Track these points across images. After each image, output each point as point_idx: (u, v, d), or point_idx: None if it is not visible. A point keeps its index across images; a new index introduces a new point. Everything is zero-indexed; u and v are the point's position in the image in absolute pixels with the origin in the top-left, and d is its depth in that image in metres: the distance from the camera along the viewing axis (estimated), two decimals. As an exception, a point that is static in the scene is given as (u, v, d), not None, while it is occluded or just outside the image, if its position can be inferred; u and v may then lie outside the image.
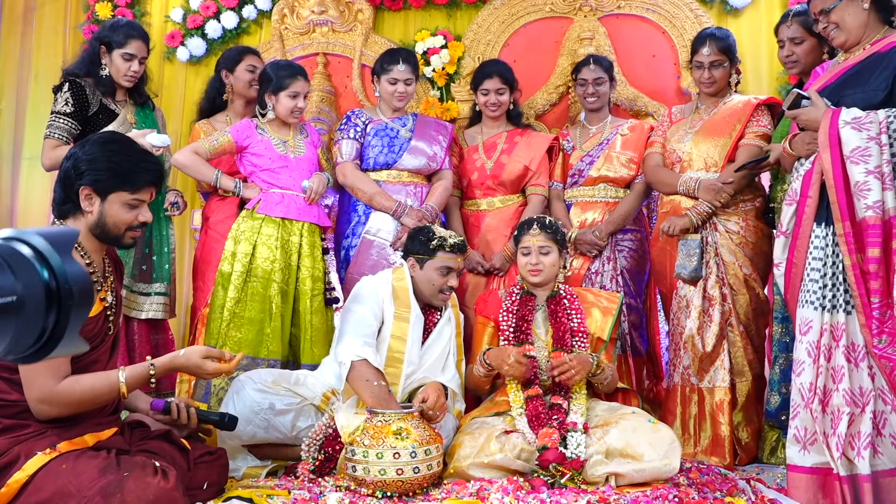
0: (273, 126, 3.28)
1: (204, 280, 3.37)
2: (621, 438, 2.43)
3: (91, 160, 2.06)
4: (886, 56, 2.36)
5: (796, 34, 3.11)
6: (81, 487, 1.84)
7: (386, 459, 2.28)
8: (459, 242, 2.94)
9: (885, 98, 2.33)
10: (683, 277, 3.09)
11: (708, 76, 3.21)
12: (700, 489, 2.42)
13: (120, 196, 2.07)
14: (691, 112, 3.32)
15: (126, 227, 2.09)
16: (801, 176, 2.47)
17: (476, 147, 3.58)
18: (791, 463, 2.40)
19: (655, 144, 3.36)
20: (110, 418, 2.16)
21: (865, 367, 2.30)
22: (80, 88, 3.11)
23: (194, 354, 2.19)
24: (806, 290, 2.40)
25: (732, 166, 3.10)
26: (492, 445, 2.47)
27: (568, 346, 2.72)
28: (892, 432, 2.27)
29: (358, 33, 4.17)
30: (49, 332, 0.74)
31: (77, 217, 2.09)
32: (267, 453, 2.78)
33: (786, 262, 2.50)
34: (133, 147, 2.20)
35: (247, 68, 3.51)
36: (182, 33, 4.31)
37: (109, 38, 3.18)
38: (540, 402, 2.62)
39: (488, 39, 4.10)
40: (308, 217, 3.23)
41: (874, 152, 2.27)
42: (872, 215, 2.26)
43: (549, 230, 2.85)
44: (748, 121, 3.15)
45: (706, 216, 3.10)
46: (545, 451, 2.39)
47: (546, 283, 2.87)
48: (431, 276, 2.87)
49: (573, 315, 2.80)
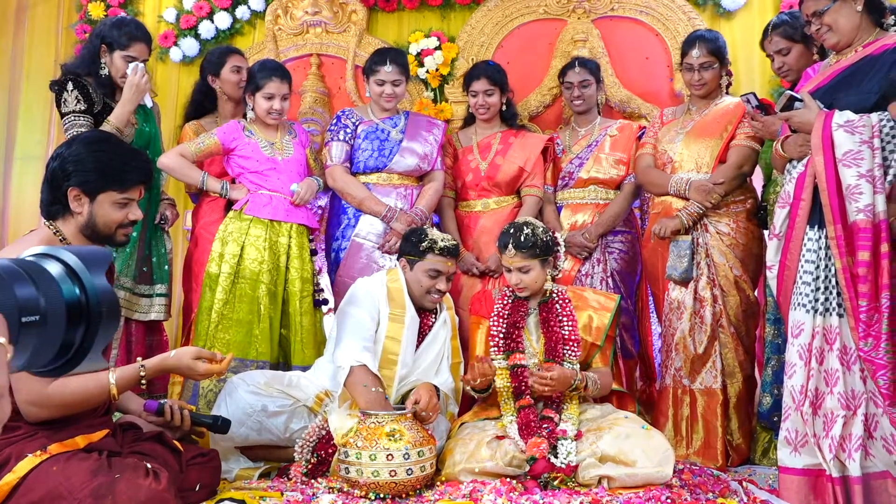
0: (259, 127, 3.26)
1: (197, 282, 3.36)
2: (614, 445, 2.40)
3: (78, 161, 2.03)
4: (879, 59, 2.37)
5: (780, 46, 3.13)
6: (72, 489, 1.83)
7: (379, 461, 2.28)
8: (451, 246, 2.92)
9: (878, 101, 2.34)
10: (674, 279, 3.10)
11: (698, 78, 3.21)
12: (692, 490, 2.42)
13: (109, 196, 2.05)
14: (683, 113, 3.33)
15: (117, 226, 2.08)
16: (794, 179, 2.47)
17: (471, 148, 3.57)
18: (782, 465, 2.41)
19: (647, 145, 3.36)
20: (102, 419, 2.14)
21: (857, 371, 2.31)
22: (84, 87, 3.05)
23: (185, 355, 2.18)
24: (798, 293, 2.41)
25: (723, 167, 3.11)
26: (482, 452, 2.45)
27: (559, 356, 2.68)
28: (883, 435, 2.28)
29: (352, 34, 4.16)
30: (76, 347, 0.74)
31: (66, 218, 2.06)
32: (260, 455, 2.77)
33: (779, 265, 2.50)
34: (120, 145, 2.18)
35: (231, 69, 3.44)
36: (175, 34, 4.30)
37: (111, 37, 3.07)
38: (532, 411, 2.58)
39: (482, 41, 4.10)
40: (296, 218, 3.22)
41: (866, 156, 2.28)
42: (864, 219, 2.27)
43: (524, 249, 2.70)
44: (739, 122, 3.16)
45: (697, 217, 3.10)
46: (534, 464, 2.36)
47: (535, 294, 2.84)
48: (420, 278, 2.87)
49: (565, 323, 2.74)
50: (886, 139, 2.28)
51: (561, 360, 2.67)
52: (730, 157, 3.14)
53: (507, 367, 2.68)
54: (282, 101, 3.21)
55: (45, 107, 4.39)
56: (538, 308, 2.81)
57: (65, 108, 3.02)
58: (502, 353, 2.72)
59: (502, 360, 2.70)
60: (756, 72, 3.90)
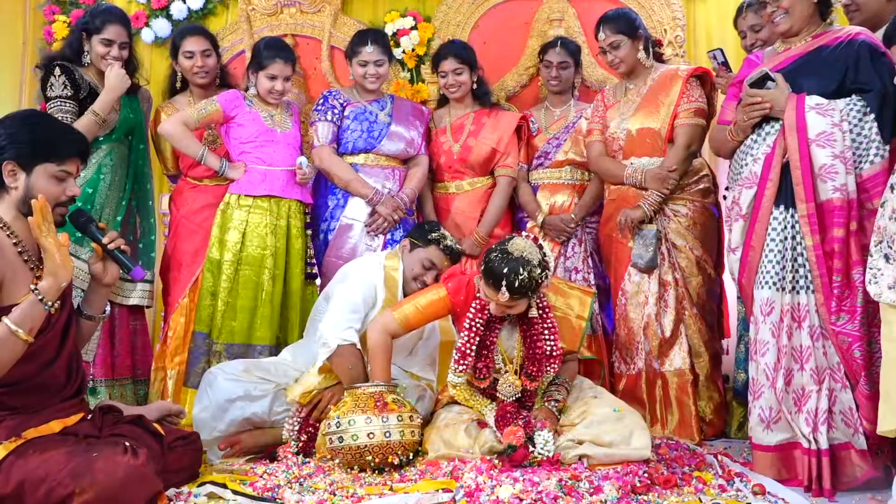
0: (259, 100, 3.28)
1: (179, 270, 3.34)
2: (588, 433, 2.39)
3: (12, 134, 2.01)
4: (835, 51, 2.46)
5: (754, 21, 3.21)
6: (50, 471, 1.82)
7: (364, 424, 2.34)
8: (456, 248, 2.94)
9: (836, 90, 2.43)
10: (639, 267, 3.12)
11: (611, 58, 3.21)
12: (669, 465, 2.47)
13: (46, 168, 2.03)
14: (623, 94, 3.29)
15: (55, 203, 2.03)
16: (758, 160, 2.51)
17: (444, 129, 3.56)
18: (756, 442, 2.47)
19: (594, 132, 3.33)
20: (74, 402, 2.13)
21: (821, 346, 2.39)
22: (71, 72, 3.06)
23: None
24: (764, 272, 2.45)
25: (673, 150, 3.11)
26: (459, 440, 2.44)
27: (538, 374, 2.53)
28: (842, 409, 2.36)
29: (326, 14, 4.12)
30: None
31: (2, 196, 2.04)
32: (247, 444, 2.73)
33: (743, 246, 2.54)
34: (55, 120, 2.19)
35: (184, 55, 3.34)
36: (146, 14, 4.23)
37: (88, 23, 3.14)
38: (510, 404, 2.51)
39: (458, 21, 4.08)
40: (292, 194, 3.25)
41: (838, 138, 2.36)
42: (839, 197, 2.34)
43: (517, 294, 2.41)
44: (680, 97, 3.14)
45: (658, 206, 3.10)
46: (513, 453, 2.32)
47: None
48: (415, 264, 2.88)
49: (547, 337, 2.53)
50: (852, 123, 2.37)
51: (539, 377, 2.54)
52: (677, 139, 3.12)
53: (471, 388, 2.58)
54: (284, 81, 3.23)
55: (13, 90, 4.30)
56: (517, 320, 2.59)
57: (51, 91, 3.04)
58: (469, 368, 2.53)
59: (464, 379, 2.56)
60: (730, 52, 3.91)
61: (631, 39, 3.17)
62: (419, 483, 2.26)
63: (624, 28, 3.17)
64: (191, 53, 3.31)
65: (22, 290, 1.98)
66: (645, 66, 3.23)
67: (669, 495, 2.17)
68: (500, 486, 2.11)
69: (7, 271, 1.98)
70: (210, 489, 2.16)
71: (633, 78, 3.26)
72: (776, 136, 2.46)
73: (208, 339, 3.15)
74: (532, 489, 2.09)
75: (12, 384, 1.98)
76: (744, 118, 2.53)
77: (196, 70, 3.32)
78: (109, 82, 3.06)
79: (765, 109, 2.47)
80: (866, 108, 2.36)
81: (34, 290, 1.95)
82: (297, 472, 2.36)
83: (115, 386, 3.18)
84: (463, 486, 2.15)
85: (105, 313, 2.30)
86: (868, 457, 2.33)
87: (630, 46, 3.17)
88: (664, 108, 3.15)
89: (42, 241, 1.96)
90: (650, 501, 2.12)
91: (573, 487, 2.11)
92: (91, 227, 2.20)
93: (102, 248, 2.19)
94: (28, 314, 1.93)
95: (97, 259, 2.20)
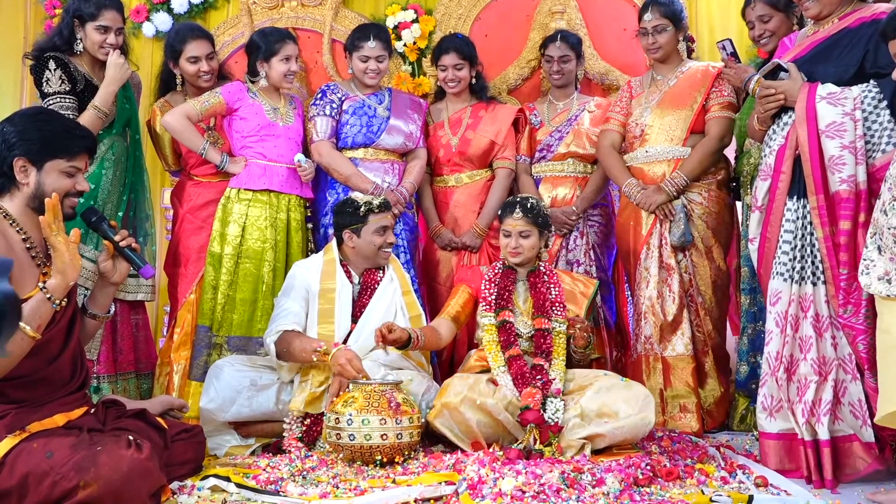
0: (264, 93, 3.28)
1: (186, 266, 3.34)
2: (596, 399, 2.52)
3: (22, 131, 2.05)
4: (857, 32, 2.40)
5: (762, 12, 3.17)
6: (55, 465, 1.83)
7: (379, 426, 2.36)
8: (383, 200, 2.97)
9: (855, 74, 2.38)
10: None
11: (652, 41, 3.22)
12: (671, 457, 2.47)
13: (56, 164, 2.06)
14: (649, 84, 3.32)
15: (64, 196, 2.07)
16: (774, 151, 2.50)
17: (441, 123, 3.56)
18: (761, 430, 2.48)
19: (612, 121, 3.36)
20: (77, 395, 2.14)
21: (829, 337, 2.37)
22: (66, 65, 2.99)
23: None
24: (777, 262, 2.45)
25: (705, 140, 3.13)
26: (482, 386, 2.57)
27: (548, 314, 2.77)
28: (850, 400, 2.36)
29: (328, 7, 4.11)
30: None
31: (12, 192, 2.07)
32: (252, 432, 2.79)
33: (760, 237, 2.54)
34: (62, 118, 2.21)
35: (188, 60, 3.30)
36: (147, 8, 4.21)
37: (81, 10, 3.02)
38: (522, 361, 2.67)
39: (459, 13, 4.07)
40: (292, 189, 3.26)
41: (849, 127, 2.33)
42: (846, 189, 2.32)
43: (530, 214, 2.82)
44: (709, 92, 3.17)
45: (681, 189, 3.13)
46: (527, 411, 2.48)
47: (526, 264, 2.89)
48: (371, 239, 2.89)
49: (552, 287, 2.84)
50: (867, 111, 2.32)
51: (549, 318, 2.77)
52: (710, 130, 3.16)
53: (495, 323, 2.77)
54: (296, 62, 3.29)
55: (15, 86, 4.30)
56: (526, 276, 2.89)
57: (48, 87, 2.97)
58: (493, 310, 2.79)
59: (493, 318, 2.78)
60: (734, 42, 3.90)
61: (675, 27, 3.21)
62: (422, 476, 2.26)
63: (671, 14, 3.20)
64: (195, 58, 3.27)
65: (28, 285, 2.00)
66: (678, 58, 3.27)
67: (672, 487, 2.17)
68: (502, 479, 2.11)
69: (15, 266, 1.99)
70: (213, 482, 2.17)
71: (663, 67, 3.28)
72: (789, 127, 2.45)
73: (210, 331, 3.16)
74: (535, 482, 2.09)
75: (18, 378, 1.99)
76: (760, 110, 2.53)
77: (202, 74, 3.29)
78: (111, 74, 2.99)
79: (779, 101, 2.46)
80: (881, 94, 2.31)
81: (42, 288, 1.98)
82: (301, 465, 2.37)
83: (118, 381, 3.19)
84: (465, 479, 2.15)
85: (110, 313, 2.32)
86: (873, 449, 2.32)
87: (673, 34, 3.22)
88: (691, 101, 3.19)
89: (52, 240, 2.00)
90: (652, 493, 2.12)
91: (576, 480, 2.12)
92: (103, 226, 2.23)
93: (114, 247, 2.21)
94: (36, 311, 1.96)
95: (107, 257, 2.22)
